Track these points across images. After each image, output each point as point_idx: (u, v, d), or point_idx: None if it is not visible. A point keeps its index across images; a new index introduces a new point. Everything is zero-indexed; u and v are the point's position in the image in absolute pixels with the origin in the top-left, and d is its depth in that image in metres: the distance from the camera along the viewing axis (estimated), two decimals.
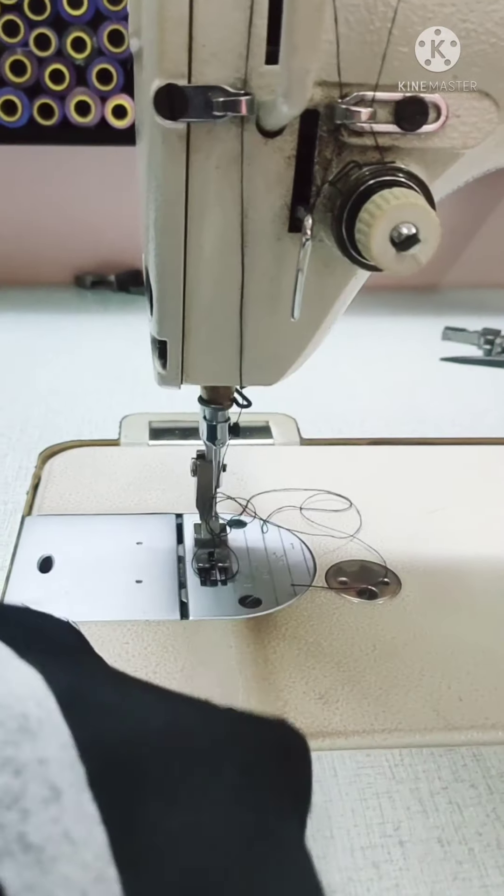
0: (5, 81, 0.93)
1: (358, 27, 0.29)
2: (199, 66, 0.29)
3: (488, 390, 0.82)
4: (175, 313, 0.37)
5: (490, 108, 0.31)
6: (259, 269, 0.35)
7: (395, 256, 0.29)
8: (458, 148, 0.32)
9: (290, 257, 0.34)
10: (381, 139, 0.31)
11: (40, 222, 1.13)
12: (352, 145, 0.31)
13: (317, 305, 0.36)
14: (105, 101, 0.95)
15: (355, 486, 0.59)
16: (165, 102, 0.30)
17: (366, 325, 0.98)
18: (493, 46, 0.30)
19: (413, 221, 0.28)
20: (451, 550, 0.53)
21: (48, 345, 0.92)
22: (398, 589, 0.49)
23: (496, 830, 0.33)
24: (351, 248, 0.31)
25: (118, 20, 0.90)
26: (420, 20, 0.29)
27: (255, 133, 0.31)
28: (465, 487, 0.61)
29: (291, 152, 0.32)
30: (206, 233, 0.34)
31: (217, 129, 0.31)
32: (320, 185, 0.32)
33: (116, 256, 1.15)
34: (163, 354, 0.39)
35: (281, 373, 0.40)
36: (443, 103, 0.30)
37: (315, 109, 0.30)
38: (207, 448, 0.47)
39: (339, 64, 0.29)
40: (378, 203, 0.29)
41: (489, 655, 0.43)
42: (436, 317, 1.03)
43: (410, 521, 0.56)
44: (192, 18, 0.29)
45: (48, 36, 0.91)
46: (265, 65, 0.29)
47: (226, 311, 0.36)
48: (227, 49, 0.29)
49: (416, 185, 0.31)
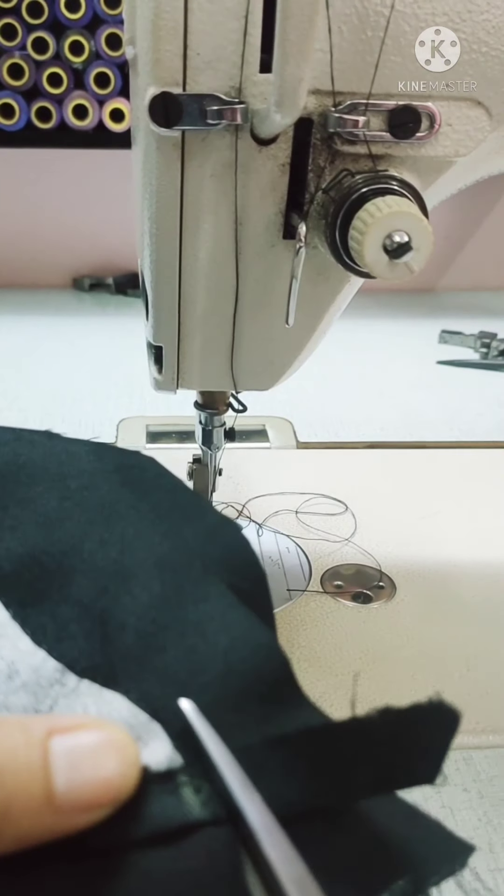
0: (3, 85, 0.93)
1: (351, 36, 0.29)
2: (193, 75, 0.30)
3: (485, 394, 0.82)
4: (171, 319, 0.37)
5: (482, 117, 0.31)
6: (253, 276, 0.35)
7: (388, 264, 0.29)
8: (451, 156, 0.32)
9: (284, 264, 0.34)
10: (374, 147, 0.31)
11: (38, 225, 1.13)
12: (345, 153, 0.31)
13: (311, 311, 0.37)
14: (103, 105, 0.95)
15: (351, 489, 0.59)
16: (160, 110, 0.30)
17: (362, 328, 0.98)
18: (485, 55, 0.30)
19: (406, 229, 0.28)
20: (446, 554, 0.53)
21: (46, 347, 0.92)
22: (393, 593, 0.49)
23: (488, 834, 0.34)
24: (345, 256, 0.31)
25: (116, 24, 0.91)
26: (412, 29, 0.29)
27: (250, 141, 0.31)
28: (461, 491, 0.61)
29: (285, 160, 0.32)
30: (201, 240, 0.34)
31: (211, 137, 0.31)
32: (314, 193, 0.32)
33: (114, 259, 1.15)
34: (158, 360, 0.39)
35: (276, 378, 0.40)
36: (435, 112, 0.31)
37: (309, 118, 0.31)
38: (203, 452, 0.48)
39: (332, 73, 0.30)
40: (371, 211, 0.29)
41: (482, 660, 0.43)
42: (432, 320, 1.03)
43: (406, 525, 0.56)
44: (187, 27, 0.29)
45: (46, 39, 0.91)
46: (259, 73, 0.30)
47: (221, 316, 0.37)
48: (222, 58, 0.29)
49: (409, 193, 0.31)
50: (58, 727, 0.20)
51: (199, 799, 0.20)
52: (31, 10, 0.89)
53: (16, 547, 0.27)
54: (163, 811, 0.20)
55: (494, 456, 0.67)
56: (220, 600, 0.25)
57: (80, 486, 0.30)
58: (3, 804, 0.18)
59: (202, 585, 0.26)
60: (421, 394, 0.81)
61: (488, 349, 0.93)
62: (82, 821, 0.19)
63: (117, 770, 0.20)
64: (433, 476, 0.63)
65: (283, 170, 0.32)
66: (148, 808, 0.20)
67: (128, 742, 0.20)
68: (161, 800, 0.20)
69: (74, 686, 0.23)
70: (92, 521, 0.28)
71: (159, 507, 0.29)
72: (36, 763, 0.19)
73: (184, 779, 0.20)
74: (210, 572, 0.26)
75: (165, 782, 0.20)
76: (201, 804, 0.20)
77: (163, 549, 0.27)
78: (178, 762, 0.21)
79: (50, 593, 0.26)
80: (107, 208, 1.11)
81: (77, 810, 0.19)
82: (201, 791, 0.20)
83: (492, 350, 0.92)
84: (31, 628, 0.25)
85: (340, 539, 0.54)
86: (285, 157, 0.32)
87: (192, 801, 0.20)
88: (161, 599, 0.25)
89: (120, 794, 0.19)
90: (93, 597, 0.26)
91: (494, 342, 0.93)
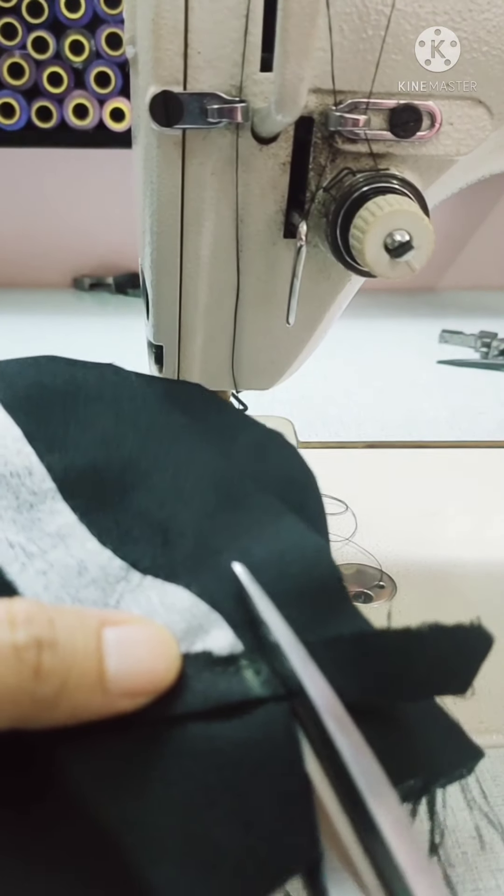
0: (3, 84, 0.93)
1: (351, 35, 0.29)
2: (194, 73, 0.30)
3: (485, 393, 0.82)
4: (171, 318, 0.37)
5: (483, 116, 0.31)
6: (254, 275, 0.35)
7: (389, 263, 0.29)
8: (452, 155, 0.32)
9: (285, 263, 0.34)
10: (375, 146, 0.31)
11: (38, 225, 1.13)
12: (346, 152, 0.31)
13: (312, 310, 0.37)
14: (103, 104, 0.95)
15: (351, 489, 0.59)
16: (161, 109, 0.30)
17: (363, 328, 0.98)
18: (486, 54, 0.30)
19: (407, 228, 0.28)
20: (446, 554, 0.53)
21: (46, 347, 0.91)
22: (394, 592, 0.49)
23: (489, 834, 0.34)
24: (345, 254, 0.31)
25: (116, 23, 0.91)
26: (413, 28, 0.29)
27: (250, 139, 0.31)
28: (462, 491, 0.61)
29: (286, 159, 0.32)
30: (202, 238, 0.34)
31: (212, 136, 0.31)
32: (315, 192, 0.32)
33: (114, 259, 1.15)
34: (159, 359, 0.39)
35: (276, 377, 0.40)
36: (436, 110, 0.31)
37: (309, 116, 0.31)
38: None
39: (333, 71, 0.30)
40: (372, 210, 0.29)
41: None
42: (433, 319, 1.03)
43: (406, 525, 0.56)
44: (188, 26, 0.29)
45: (46, 39, 0.91)
46: (260, 72, 0.29)
47: (221, 315, 0.37)
48: (223, 56, 0.29)
49: (410, 191, 0.31)
50: (110, 619, 0.22)
51: (260, 679, 0.22)
52: (32, 9, 0.89)
53: (79, 460, 0.29)
54: (227, 688, 0.21)
55: (495, 456, 0.67)
56: (270, 509, 0.27)
57: (133, 408, 0.32)
58: (62, 676, 0.20)
59: (253, 497, 0.28)
60: (421, 393, 0.81)
61: (489, 349, 0.93)
62: (127, 705, 0.21)
63: (161, 662, 0.21)
64: (434, 476, 0.63)
65: (283, 168, 0.32)
66: (211, 686, 0.21)
67: (170, 638, 0.22)
68: (224, 679, 0.22)
69: (139, 582, 0.25)
70: (146, 441, 0.30)
71: (209, 427, 0.31)
72: (91, 645, 0.21)
73: (244, 662, 0.22)
74: (261, 484, 0.28)
75: (227, 665, 0.22)
76: (261, 683, 0.22)
77: (214, 466, 0.29)
78: (239, 648, 0.23)
79: (112, 503, 0.28)
80: (107, 208, 1.11)
81: (124, 694, 0.20)
82: (261, 673, 0.22)
83: (492, 350, 0.92)
84: (97, 530, 0.27)
85: (341, 539, 0.54)
86: (286, 156, 0.32)
87: (253, 681, 0.22)
88: (216, 510, 0.27)
89: (162, 683, 0.21)
90: (152, 509, 0.28)
91: (495, 342, 0.93)
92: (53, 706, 0.20)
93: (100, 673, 0.20)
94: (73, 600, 0.24)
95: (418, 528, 0.56)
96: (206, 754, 0.20)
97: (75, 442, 0.30)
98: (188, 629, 0.23)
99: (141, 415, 0.31)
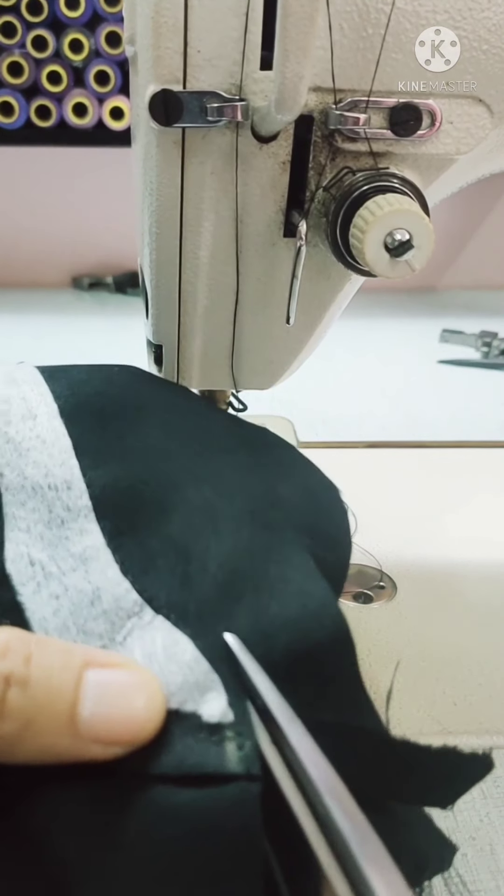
0: (2, 83, 0.93)
1: (351, 34, 0.29)
2: (193, 72, 0.30)
3: (486, 393, 0.82)
4: (171, 318, 0.37)
5: (483, 114, 0.31)
6: (254, 274, 0.35)
7: (389, 262, 0.29)
8: (452, 154, 0.32)
9: (284, 262, 0.34)
10: (375, 145, 0.31)
11: (38, 224, 1.13)
12: (346, 151, 0.31)
13: (312, 310, 0.36)
14: (102, 103, 0.95)
15: (351, 489, 0.59)
16: (160, 108, 0.30)
17: (363, 327, 0.98)
18: (486, 53, 0.30)
19: (407, 228, 0.28)
20: (447, 554, 0.53)
21: (46, 347, 0.92)
22: (394, 593, 0.48)
23: (489, 835, 0.33)
24: (345, 254, 0.31)
25: (115, 22, 0.90)
26: (413, 27, 0.29)
27: (250, 138, 0.31)
28: (462, 491, 0.61)
29: (286, 157, 0.32)
30: (202, 237, 0.34)
31: (212, 135, 0.31)
32: (315, 191, 0.32)
33: (114, 258, 1.15)
34: (158, 358, 0.39)
35: (276, 377, 0.40)
36: (436, 109, 0.30)
37: (309, 115, 0.30)
38: None
39: (333, 70, 0.29)
40: (372, 209, 0.29)
41: (484, 660, 0.43)
42: (433, 319, 1.03)
43: (406, 525, 0.56)
44: (187, 24, 0.29)
45: (45, 37, 0.91)
46: (260, 71, 0.29)
47: (221, 315, 0.37)
48: (222, 55, 0.29)
49: (410, 190, 0.31)
50: (96, 660, 0.21)
51: (239, 755, 0.21)
52: (31, 7, 0.89)
53: (121, 474, 0.28)
54: (202, 757, 0.21)
55: (495, 456, 0.67)
56: (301, 567, 0.26)
57: (184, 424, 0.31)
58: (29, 714, 0.19)
59: (288, 546, 0.27)
60: (422, 393, 0.81)
61: (489, 348, 0.93)
62: (99, 752, 0.20)
63: (141, 713, 0.20)
64: (434, 476, 0.63)
65: (283, 167, 0.32)
66: (188, 751, 0.21)
67: (157, 689, 0.21)
68: (204, 747, 0.21)
69: (150, 620, 0.24)
70: (192, 459, 0.30)
71: (262, 458, 0.31)
72: (68, 686, 0.20)
73: (230, 734, 0.21)
74: (300, 535, 0.27)
75: (212, 734, 0.21)
76: (238, 759, 0.21)
77: (258, 498, 0.28)
78: (229, 717, 0.22)
79: (144, 524, 0.27)
80: (106, 207, 1.11)
81: (96, 740, 0.20)
82: (243, 748, 0.21)
83: (493, 349, 0.92)
84: (122, 557, 0.26)
85: None
86: (286, 155, 0.32)
87: (232, 755, 0.21)
88: (246, 550, 0.26)
89: (138, 735, 0.20)
90: (183, 530, 0.27)
91: (495, 341, 0.93)
92: (15, 744, 0.19)
93: (71, 716, 0.19)
94: (78, 630, 0.24)
95: (418, 528, 0.56)
96: (168, 820, 0.19)
97: (123, 457, 0.29)
98: (183, 684, 0.22)
99: (193, 431, 0.31)
